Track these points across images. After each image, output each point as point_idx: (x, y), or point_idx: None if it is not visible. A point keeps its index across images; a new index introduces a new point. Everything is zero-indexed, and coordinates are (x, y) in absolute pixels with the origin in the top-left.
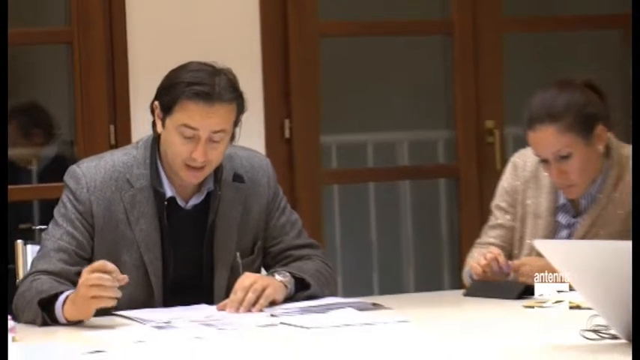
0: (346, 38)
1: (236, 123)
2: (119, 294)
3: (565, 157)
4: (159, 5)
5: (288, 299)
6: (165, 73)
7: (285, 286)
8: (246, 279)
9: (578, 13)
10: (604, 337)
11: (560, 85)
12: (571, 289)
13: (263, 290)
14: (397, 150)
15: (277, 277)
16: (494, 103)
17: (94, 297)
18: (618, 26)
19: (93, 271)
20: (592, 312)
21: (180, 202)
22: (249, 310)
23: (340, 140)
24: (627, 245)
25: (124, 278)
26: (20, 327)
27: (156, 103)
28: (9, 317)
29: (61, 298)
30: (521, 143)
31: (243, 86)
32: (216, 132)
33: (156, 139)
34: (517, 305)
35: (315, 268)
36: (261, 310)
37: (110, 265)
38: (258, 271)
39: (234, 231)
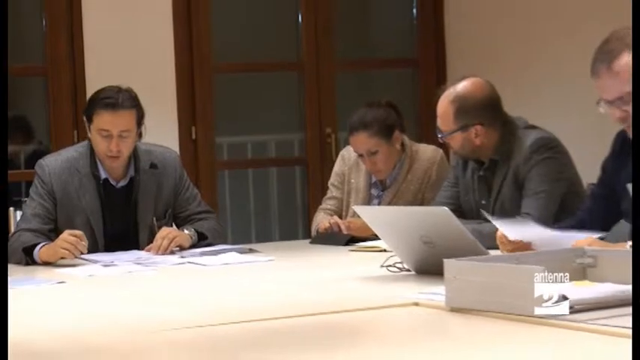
0: (233, 74)
1: (140, 125)
2: (77, 254)
3: (374, 153)
4: (108, 52)
5: (193, 246)
6: None
7: (191, 237)
8: (164, 231)
9: (386, 57)
10: (401, 270)
11: (370, 104)
12: (379, 238)
13: (174, 239)
14: (267, 147)
15: (185, 231)
16: (332, 116)
17: (64, 249)
18: (411, 66)
19: (73, 235)
20: (392, 254)
21: (112, 182)
22: (164, 253)
23: (229, 140)
24: (415, 209)
25: (85, 248)
26: (10, 266)
27: (84, 117)
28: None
29: (39, 246)
30: (348, 142)
31: (163, 104)
32: (123, 131)
33: None
34: (345, 250)
35: (211, 225)
36: (173, 253)
37: (84, 238)
38: None
39: (152, 202)
